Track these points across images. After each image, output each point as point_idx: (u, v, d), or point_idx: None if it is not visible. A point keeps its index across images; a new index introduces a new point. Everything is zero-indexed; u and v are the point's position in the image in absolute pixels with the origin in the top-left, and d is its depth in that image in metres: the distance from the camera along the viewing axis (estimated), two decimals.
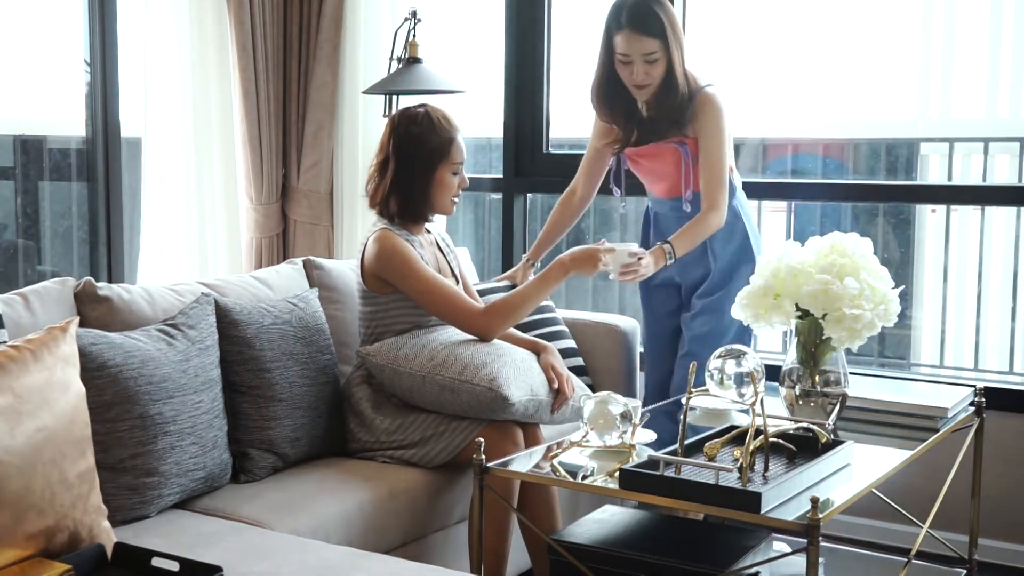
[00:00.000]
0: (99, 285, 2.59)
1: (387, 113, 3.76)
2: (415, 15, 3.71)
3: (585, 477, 2.32)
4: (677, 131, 3.07)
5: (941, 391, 2.91)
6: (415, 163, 2.87)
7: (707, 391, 2.40)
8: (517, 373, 2.74)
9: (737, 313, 2.73)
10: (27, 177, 3.88)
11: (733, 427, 2.46)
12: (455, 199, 2.95)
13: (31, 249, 3.87)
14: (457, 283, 3.00)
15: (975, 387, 2.92)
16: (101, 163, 3.78)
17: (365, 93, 3.81)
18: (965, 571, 3.03)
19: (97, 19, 3.70)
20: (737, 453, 2.27)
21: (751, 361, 2.35)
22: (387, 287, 2.86)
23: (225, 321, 2.66)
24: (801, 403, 2.64)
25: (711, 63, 3.33)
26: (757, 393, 2.26)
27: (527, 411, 2.75)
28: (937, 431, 2.68)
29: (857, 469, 2.38)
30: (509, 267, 3.93)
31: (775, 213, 5.03)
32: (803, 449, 2.35)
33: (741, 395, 2.35)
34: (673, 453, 2.27)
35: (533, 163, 4.05)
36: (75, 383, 1.94)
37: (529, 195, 4.14)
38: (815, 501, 1.94)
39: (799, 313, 2.61)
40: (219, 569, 1.88)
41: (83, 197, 3.85)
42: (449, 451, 2.74)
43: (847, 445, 2.39)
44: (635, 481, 2.17)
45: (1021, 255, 4.57)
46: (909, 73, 4.72)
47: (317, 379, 2.80)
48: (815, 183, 4.28)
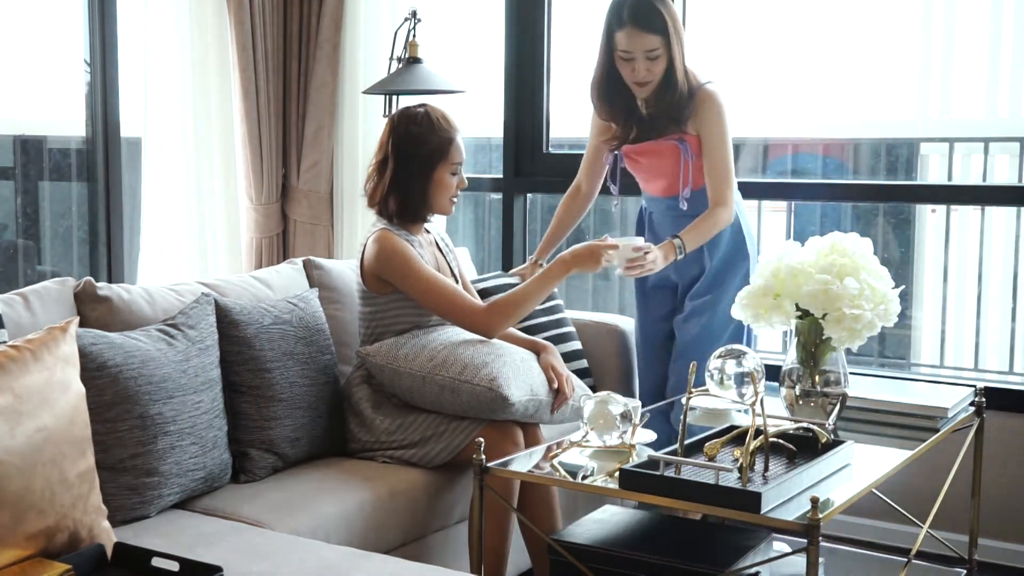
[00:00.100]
0: (99, 285, 2.59)
1: (387, 113, 3.76)
2: (415, 15, 3.70)
3: (585, 477, 2.32)
4: (676, 128, 3.07)
5: (941, 391, 2.91)
6: (414, 163, 2.87)
7: (707, 391, 2.40)
8: (517, 373, 2.74)
9: (737, 313, 2.73)
10: (27, 177, 3.88)
11: (733, 427, 2.46)
12: (454, 199, 2.94)
13: (31, 249, 3.87)
14: (457, 283, 3.00)
15: (975, 387, 2.92)
16: (101, 163, 3.78)
17: (365, 93, 3.80)
18: (965, 571, 3.03)
19: (97, 19, 3.70)
20: (737, 453, 2.27)
21: (751, 361, 2.35)
22: (387, 287, 2.86)
23: (225, 321, 2.66)
24: (801, 403, 2.64)
25: (711, 63, 3.33)
26: (757, 393, 2.26)
27: (527, 411, 2.75)
28: (937, 431, 2.68)
29: (857, 469, 2.38)
30: (509, 267, 3.93)
31: (775, 213, 5.02)
32: (803, 449, 2.35)
33: (741, 395, 2.35)
34: (673, 453, 2.28)
35: (533, 163, 4.05)
36: (75, 383, 1.94)
37: (529, 195, 4.14)
38: (815, 501, 1.94)
39: (799, 313, 2.61)
40: (219, 569, 1.88)
41: (83, 197, 3.85)
42: (449, 451, 2.74)
43: (847, 445, 2.39)
44: (635, 481, 2.17)
45: (1021, 255, 4.56)
46: (909, 73, 4.72)
47: (317, 379, 2.80)
48: (815, 183, 4.28)
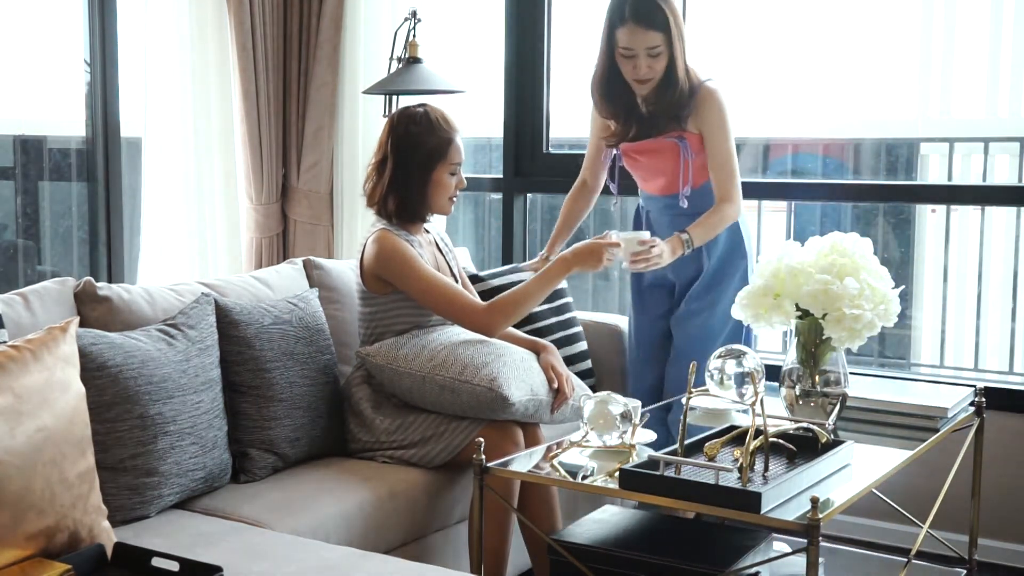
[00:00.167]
0: (99, 285, 2.59)
1: (387, 113, 3.76)
2: (415, 15, 3.70)
3: (585, 477, 2.32)
4: (676, 126, 3.07)
5: (941, 391, 2.91)
6: (413, 163, 2.87)
7: (707, 391, 2.40)
8: (517, 373, 2.74)
9: (737, 313, 2.73)
10: (27, 177, 3.88)
11: (733, 427, 2.46)
12: (453, 199, 2.94)
13: (31, 249, 3.87)
14: (456, 283, 3.00)
15: (975, 387, 2.92)
16: (101, 163, 3.78)
17: (365, 93, 3.80)
18: (965, 571, 3.03)
19: (97, 19, 3.70)
20: (737, 453, 2.27)
21: (751, 361, 2.35)
22: (387, 287, 2.86)
23: (225, 321, 2.66)
24: (801, 403, 2.64)
25: (711, 63, 3.32)
26: (757, 393, 2.26)
27: (527, 411, 2.75)
28: (937, 431, 2.68)
29: (857, 469, 2.38)
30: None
31: (775, 213, 5.02)
32: (803, 449, 2.35)
33: (741, 395, 2.35)
34: (673, 453, 2.27)
35: (533, 163, 4.05)
36: (75, 383, 1.94)
37: (529, 195, 4.14)
38: (815, 501, 1.94)
39: (799, 313, 2.61)
40: (219, 569, 1.88)
41: (83, 197, 3.85)
42: (449, 451, 2.74)
43: (847, 445, 2.39)
44: (635, 481, 2.17)
45: (1021, 255, 4.56)
46: (909, 73, 4.72)
47: (317, 379, 2.80)
48: (815, 183, 4.28)
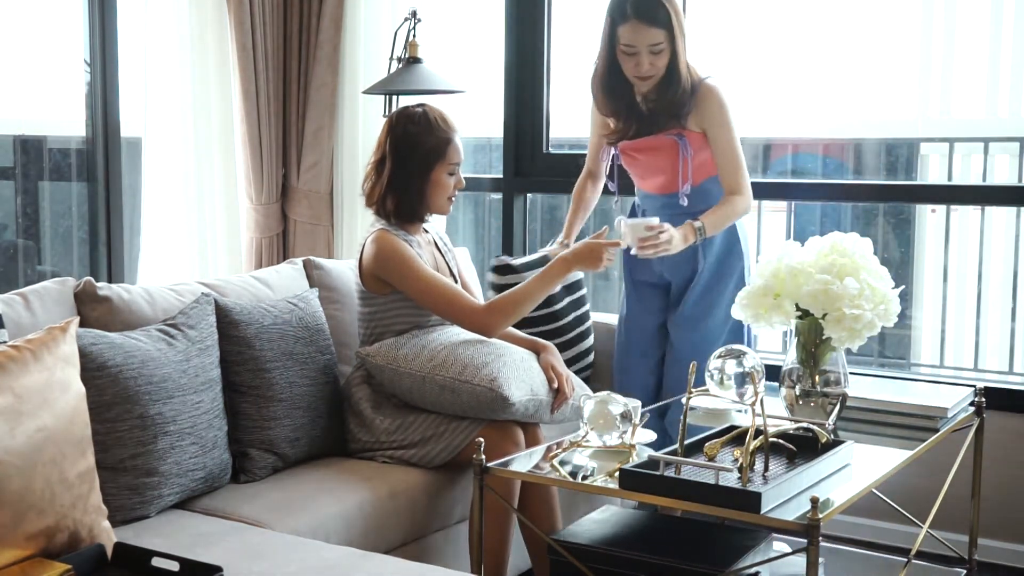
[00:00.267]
0: (99, 285, 2.59)
1: (387, 113, 3.76)
2: (415, 15, 3.70)
3: (585, 477, 2.32)
4: (676, 124, 3.06)
5: (941, 391, 2.91)
6: (411, 162, 2.87)
7: (707, 391, 2.40)
8: (517, 373, 2.74)
9: (737, 313, 2.73)
10: (27, 177, 3.88)
11: (733, 427, 2.46)
12: (451, 199, 2.94)
13: (31, 249, 3.87)
14: (456, 283, 3.00)
15: (975, 387, 2.92)
16: (101, 163, 3.78)
17: (365, 93, 3.81)
18: (965, 571, 3.03)
19: (97, 19, 3.70)
20: (737, 453, 2.27)
21: (751, 361, 2.35)
22: (386, 287, 2.86)
23: (225, 321, 2.66)
24: (801, 403, 2.64)
25: (711, 62, 3.32)
26: (757, 393, 2.26)
27: (527, 411, 2.75)
28: (937, 431, 2.68)
29: (857, 469, 2.38)
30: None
31: (775, 213, 5.02)
32: (803, 449, 2.35)
33: (741, 395, 2.35)
34: (673, 453, 2.27)
35: (533, 163, 4.05)
36: (75, 383, 1.94)
37: (529, 195, 4.14)
38: (815, 501, 1.94)
39: (799, 313, 2.61)
40: (219, 569, 1.88)
41: (83, 197, 3.85)
42: (449, 451, 2.74)
43: (847, 445, 2.39)
44: (635, 481, 2.17)
45: (1021, 255, 4.56)
46: (909, 73, 4.72)
47: (317, 379, 2.80)
48: (815, 183, 4.28)
